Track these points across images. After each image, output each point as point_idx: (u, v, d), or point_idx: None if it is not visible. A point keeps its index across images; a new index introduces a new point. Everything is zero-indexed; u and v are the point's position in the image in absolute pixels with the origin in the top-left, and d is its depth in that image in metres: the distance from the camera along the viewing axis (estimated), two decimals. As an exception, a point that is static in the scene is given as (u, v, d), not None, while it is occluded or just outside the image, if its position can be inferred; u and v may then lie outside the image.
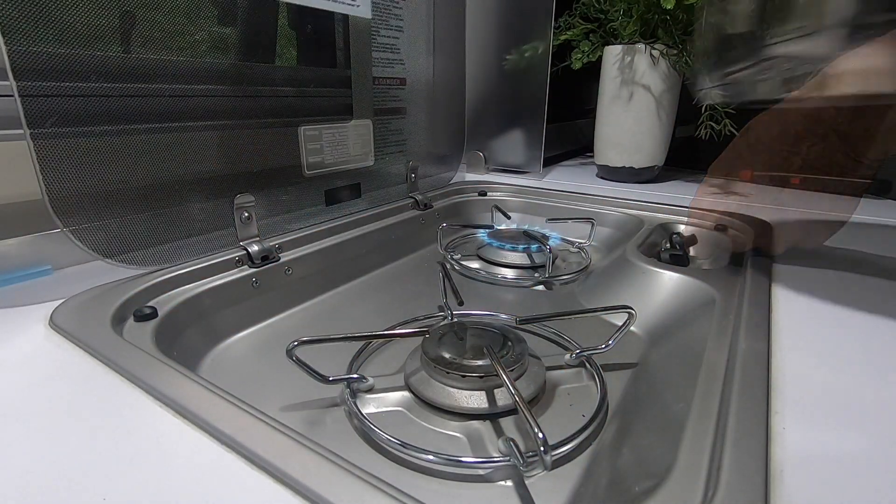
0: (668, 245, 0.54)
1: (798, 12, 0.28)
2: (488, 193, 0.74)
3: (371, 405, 0.30)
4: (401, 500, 0.17)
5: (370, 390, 0.31)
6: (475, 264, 0.54)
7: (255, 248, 0.42)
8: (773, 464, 0.20)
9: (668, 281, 0.42)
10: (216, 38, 0.42)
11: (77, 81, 0.33)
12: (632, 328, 0.38)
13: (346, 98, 0.54)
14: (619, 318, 0.38)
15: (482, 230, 0.59)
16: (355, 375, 0.30)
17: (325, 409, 0.30)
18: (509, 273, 0.52)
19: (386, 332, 0.34)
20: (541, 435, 0.22)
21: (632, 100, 0.74)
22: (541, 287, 0.50)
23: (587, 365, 0.34)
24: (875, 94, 0.30)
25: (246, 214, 0.43)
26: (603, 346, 0.33)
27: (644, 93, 0.73)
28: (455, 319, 0.39)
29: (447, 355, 0.31)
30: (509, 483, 0.25)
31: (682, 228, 0.60)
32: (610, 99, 0.76)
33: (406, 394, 0.31)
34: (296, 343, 0.29)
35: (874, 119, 0.38)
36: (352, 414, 0.29)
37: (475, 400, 0.29)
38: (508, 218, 0.67)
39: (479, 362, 0.30)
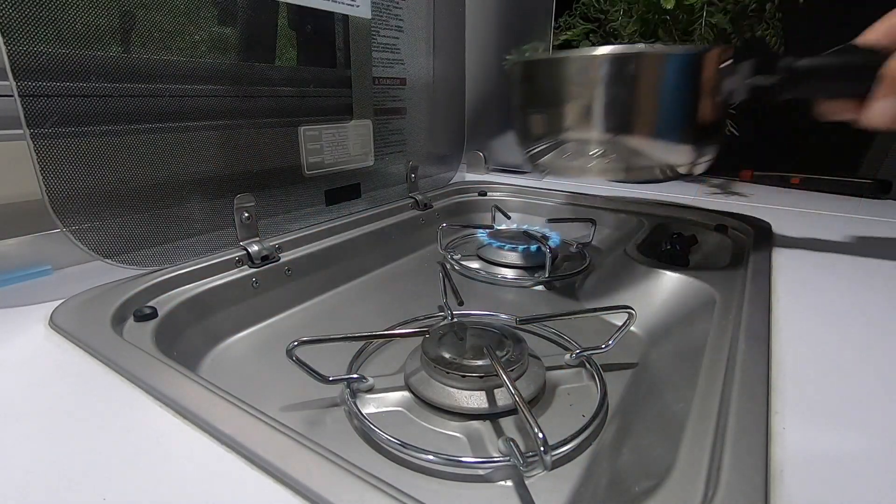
0: (668, 245, 0.54)
1: (573, 120, 0.41)
2: (488, 193, 0.74)
3: (371, 405, 0.30)
4: (401, 500, 0.17)
5: (370, 390, 0.31)
6: (475, 264, 0.54)
7: (255, 248, 0.42)
8: (773, 464, 0.20)
9: (668, 281, 0.42)
10: (216, 39, 0.42)
11: (77, 81, 0.33)
12: (632, 328, 0.38)
13: (346, 98, 0.54)
14: (619, 318, 0.38)
15: (482, 230, 0.59)
16: (355, 375, 0.30)
17: (325, 409, 0.30)
18: (509, 273, 0.52)
19: (386, 332, 0.35)
20: (541, 435, 0.22)
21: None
22: (541, 287, 0.50)
23: (587, 365, 0.34)
24: None
25: (246, 215, 0.43)
26: (603, 346, 0.33)
27: (644, 93, 0.72)
28: (455, 319, 0.39)
29: (447, 355, 0.31)
30: (509, 483, 0.25)
31: (681, 228, 0.60)
32: (610, 99, 0.76)
33: (406, 394, 0.31)
34: (296, 343, 0.29)
35: None
36: (352, 414, 0.29)
37: (475, 400, 0.29)
38: (508, 218, 0.67)
39: (479, 362, 0.30)
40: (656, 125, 0.39)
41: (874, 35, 0.35)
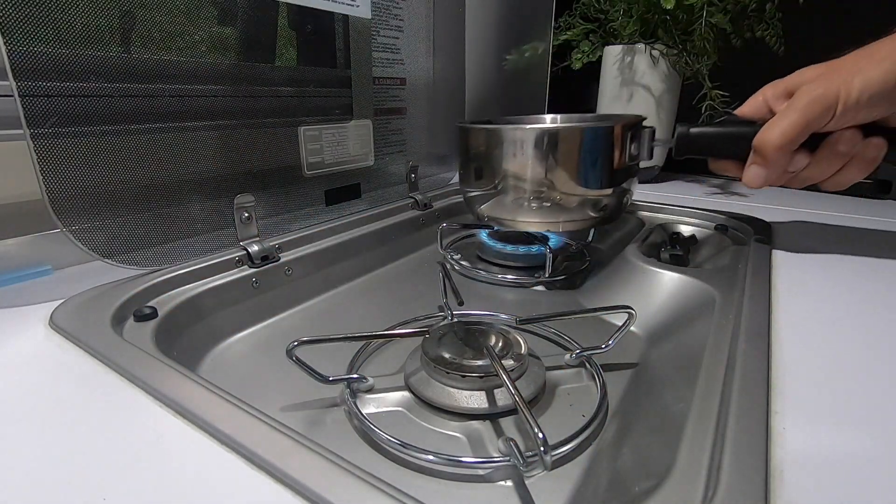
0: (668, 245, 0.54)
1: (509, 175, 0.47)
2: (488, 193, 0.73)
3: (371, 405, 0.30)
4: (401, 500, 0.17)
5: (370, 390, 0.31)
6: (475, 264, 0.54)
7: (255, 248, 0.42)
8: (773, 464, 0.20)
9: (668, 281, 0.42)
10: (216, 39, 0.42)
11: (77, 81, 0.33)
12: (632, 328, 0.38)
13: (346, 98, 0.54)
14: (619, 318, 0.38)
15: (482, 230, 0.59)
16: (355, 375, 0.30)
17: (325, 409, 0.30)
18: (509, 273, 0.52)
19: (386, 332, 0.35)
20: (541, 435, 0.22)
21: (632, 100, 0.74)
22: (541, 287, 0.50)
23: (587, 365, 0.34)
24: None
25: (246, 214, 0.43)
26: (603, 346, 0.33)
27: (644, 93, 0.73)
28: (455, 319, 0.39)
29: (447, 355, 0.31)
30: (509, 483, 0.25)
31: (682, 228, 0.60)
32: (610, 99, 0.76)
33: (406, 394, 0.31)
34: (296, 343, 0.29)
35: None
36: (352, 414, 0.29)
37: (475, 400, 0.29)
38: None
39: (479, 362, 0.30)
40: (580, 181, 0.46)
41: (748, 109, 0.42)
